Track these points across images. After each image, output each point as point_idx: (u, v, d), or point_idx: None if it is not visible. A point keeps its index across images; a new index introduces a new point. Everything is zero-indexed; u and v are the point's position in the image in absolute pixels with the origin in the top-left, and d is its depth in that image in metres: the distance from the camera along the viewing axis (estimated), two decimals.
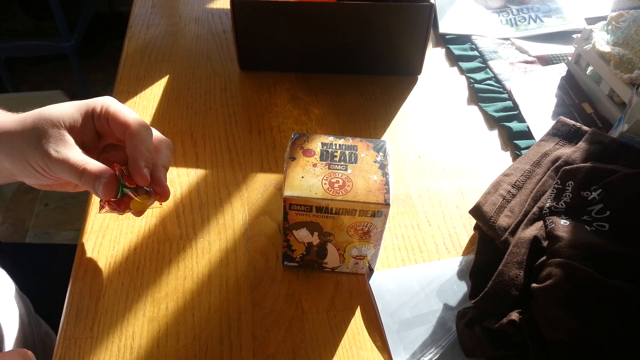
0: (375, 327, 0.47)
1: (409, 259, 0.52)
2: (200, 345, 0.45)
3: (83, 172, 0.42)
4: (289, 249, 0.48)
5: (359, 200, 0.42)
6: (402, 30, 0.68)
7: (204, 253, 0.52)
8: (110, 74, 2.11)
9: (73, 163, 0.43)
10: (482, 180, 0.60)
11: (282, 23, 0.67)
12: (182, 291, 0.48)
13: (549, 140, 0.56)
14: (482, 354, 0.43)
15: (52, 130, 0.44)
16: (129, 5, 0.88)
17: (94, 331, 0.45)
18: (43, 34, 1.89)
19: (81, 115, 0.46)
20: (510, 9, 0.84)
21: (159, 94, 0.70)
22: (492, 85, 0.71)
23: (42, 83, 2.09)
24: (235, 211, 0.55)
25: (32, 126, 0.44)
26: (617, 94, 0.64)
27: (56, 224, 1.63)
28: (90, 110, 0.46)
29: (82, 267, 0.50)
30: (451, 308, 0.47)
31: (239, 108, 0.68)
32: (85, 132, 0.46)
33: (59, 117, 0.44)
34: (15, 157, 0.44)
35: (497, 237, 0.48)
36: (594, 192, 0.47)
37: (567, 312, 0.39)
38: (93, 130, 0.47)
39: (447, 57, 0.78)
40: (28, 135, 0.43)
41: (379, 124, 0.66)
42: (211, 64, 0.75)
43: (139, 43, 0.79)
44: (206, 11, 0.86)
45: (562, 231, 0.44)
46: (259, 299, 0.48)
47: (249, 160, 0.61)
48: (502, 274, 0.44)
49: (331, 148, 0.46)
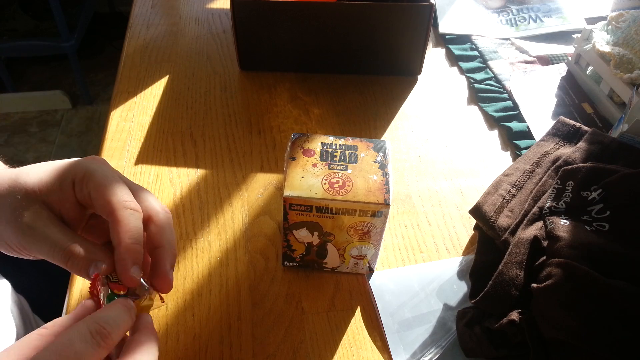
0: (375, 327, 0.47)
1: (409, 259, 0.52)
2: (200, 345, 0.45)
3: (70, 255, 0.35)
4: (289, 249, 0.48)
5: (359, 200, 0.42)
6: (402, 30, 0.68)
7: (204, 253, 0.52)
8: (110, 74, 2.12)
9: (54, 243, 0.35)
10: (482, 180, 0.60)
11: (282, 23, 0.68)
12: (182, 291, 0.48)
13: (549, 140, 0.56)
14: (482, 354, 0.43)
15: (26, 202, 0.37)
16: (129, 5, 0.88)
17: None
18: (43, 34, 1.89)
19: (59, 184, 0.37)
20: (510, 9, 0.84)
21: (159, 94, 0.70)
22: (492, 85, 0.71)
23: (42, 83, 2.09)
24: (235, 211, 0.55)
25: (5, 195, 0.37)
26: (617, 94, 0.64)
27: None
28: (70, 176, 0.37)
29: None
30: (451, 308, 0.47)
31: (239, 108, 0.68)
32: (65, 204, 0.38)
33: (34, 186, 0.37)
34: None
35: (497, 237, 0.48)
36: (594, 192, 0.47)
37: (567, 312, 0.39)
38: (74, 200, 0.38)
39: (447, 57, 0.78)
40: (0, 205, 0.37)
41: (379, 124, 0.66)
42: (211, 64, 0.75)
43: (139, 43, 0.79)
44: (206, 11, 0.86)
45: (562, 231, 0.44)
46: (259, 299, 0.48)
47: (249, 160, 0.61)
48: (502, 274, 0.44)
49: (331, 148, 0.46)
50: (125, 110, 0.67)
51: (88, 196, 0.37)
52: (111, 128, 0.65)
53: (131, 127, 0.65)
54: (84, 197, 0.37)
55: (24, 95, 1.99)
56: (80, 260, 0.35)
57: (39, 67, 2.14)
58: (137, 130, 0.64)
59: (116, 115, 0.66)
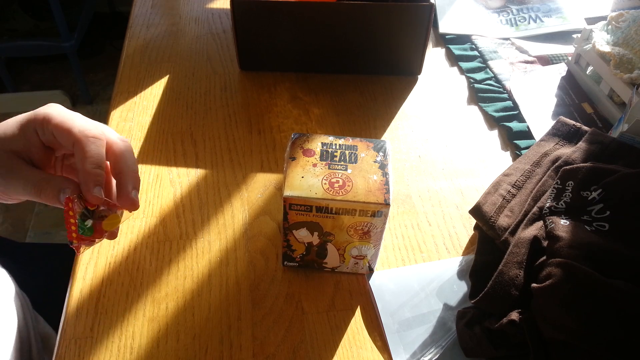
0: (375, 327, 0.47)
1: (409, 259, 0.52)
2: (200, 345, 0.45)
3: (41, 187, 0.40)
4: (289, 249, 0.48)
5: (359, 200, 0.42)
6: (402, 30, 0.68)
7: (204, 253, 0.52)
8: (110, 74, 2.12)
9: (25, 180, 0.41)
10: (482, 180, 0.60)
11: (282, 23, 0.68)
12: (182, 291, 0.48)
13: (549, 140, 0.56)
14: (482, 354, 0.43)
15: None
16: (129, 5, 0.88)
17: (94, 331, 0.45)
18: (43, 34, 1.89)
19: (23, 132, 0.42)
20: (510, 9, 0.84)
21: (159, 94, 0.70)
22: (492, 85, 0.71)
23: (42, 83, 2.09)
24: (235, 211, 0.55)
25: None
26: (617, 94, 0.64)
27: (56, 223, 1.63)
28: (32, 124, 0.42)
29: (82, 267, 0.50)
30: (451, 308, 0.47)
31: (239, 108, 0.68)
32: (32, 149, 0.43)
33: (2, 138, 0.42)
34: None
35: (497, 237, 0.48)
36: (594, 192, 0.47)
37: (567, 312, 0.39)
38: (39, 145, 0.43)
39: (447, 57, 0.78)
40: None
41: (379, 124, 0.66)
42: (211, 64, 0.75)
43: (139, 43, 0.79)
44: (206, 11, 0.86)
45: (562, 231, 0.44)
46: (259, 298, 0.48)
47: (249, 160, 0.61)
48: (502, 274, 0.44)
49: (331, 148, 0.46)
50: (125, 110, 0.67)
51: (52, 136, 0.42)
52: (111, 128, 0.65)
53: (131, 127, 0.65)
54: (48, 138, 0.42)
55: (24, 95, 1.99)
56: (50, 190, 0.40)
57: (39, 67, 2.14)
58: (137, 130, 0.64)
59: (116, 115, 0.66)
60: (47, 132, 0.42)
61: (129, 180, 0.43)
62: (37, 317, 0.63)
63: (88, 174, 0.40)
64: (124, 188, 0.42)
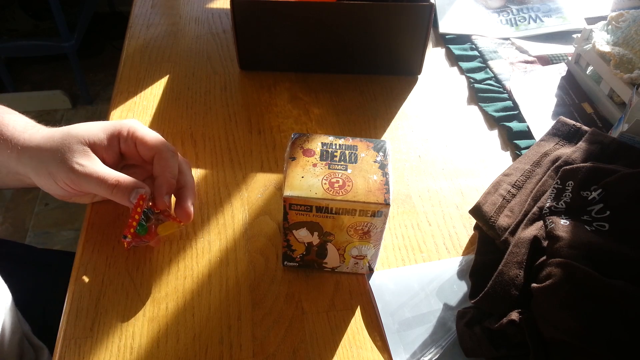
0: (375, 327, 0.47)
1: (409, 259, 0.52)
2: (200, 345, 0.45)
3: (117, 184, 0.46)
4: (289, 249, 0.48)
5: (359, 200, 0.42)
6: (402, 30, 0.68)
7: (204, 253, 0.52)
8: (110, 74, 2.12)
9: (102, 176, 0.46)
10: (482, 180, 0.60)
11: (282, 23, 0.68)
12: (182, 291, 0.48)
13: (549, 140, 0.56)
14: (482, 354, 0.43)
15: (77, 146, 0.47)
16: (129, 5, 0.88)
17: (94, 331, 0.45)
18: (43, 34, 1.89)
19: (107, 136, 0.49)
20: (510, 9, 0.84)
21: (159, 94, 0.70)
22: (492, 85, 0.71)
23: (42, 83, 2.09)
24: (235, 211, 0.55)
25: (59, 142, 0.47)
26: (617, 94, 0.64)
27: (56, 223, 1.63)
28: (117, 133, 0.49)
29: (82, 267, 0.50)
30: (451, 308, 0.47)
31: (239, 108, 0.68)
32: (109, 152, 0.49)
33: (84, 135, 0.48)
34: (41, 171, 0.47)
35: (497, 237, 0.48)
36: (594, 192, 0.47)
37: (567, 312, 0.39)
38: (117, 151, 0.50)
39: (447, 57, 0.78)
40: (54, 151, 0.46)
41: (379, 123, 0.66)
42: (211, 64, 0.75)
43: (139, 43, 0.79)
44: (206, 11, 0.86)
45: (562, 231, 0.44)
46: (259, 299, 0.48)
47: (249, 160, 0.61)
48: (502, 274, 0.44)
49: (331, 148, 0.46)
50: (125, 110, 0.67)
51: (133, 147, 0.50)
52: None
53: None
54: (129, 148, 0.50)
55: (24, 95, 1.99)
56: (125, 188, 0.46)
57: (39, 67, 2.14)
58: None
59: (116, 115, 0.66)
60: (129, 141, 0.49)
61: (189, 194, 0.50)
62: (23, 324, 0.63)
63: (166, 181, 0.47)
64: (184, 200, 0.49)
